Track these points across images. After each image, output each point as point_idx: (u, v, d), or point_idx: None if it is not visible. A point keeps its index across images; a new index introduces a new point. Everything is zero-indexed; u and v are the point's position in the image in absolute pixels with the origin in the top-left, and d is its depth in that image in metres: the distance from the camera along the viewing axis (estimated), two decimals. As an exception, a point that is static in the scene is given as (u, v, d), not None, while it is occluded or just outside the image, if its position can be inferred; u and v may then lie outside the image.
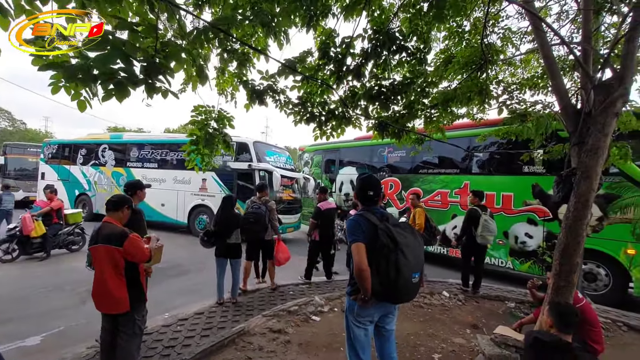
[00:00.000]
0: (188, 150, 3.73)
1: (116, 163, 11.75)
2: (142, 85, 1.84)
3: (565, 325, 2.12)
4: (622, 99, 2.67)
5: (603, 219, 5.39)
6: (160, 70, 1.86)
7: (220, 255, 4.40)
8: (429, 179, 8.03)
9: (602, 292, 5.48)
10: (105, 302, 2.47)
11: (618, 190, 5.30)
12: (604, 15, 3.95)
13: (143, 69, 1.84)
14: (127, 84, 1.75)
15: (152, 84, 1.84)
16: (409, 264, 1.99)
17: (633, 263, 5.15)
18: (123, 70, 1.75)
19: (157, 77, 1.87)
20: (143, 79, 1.82)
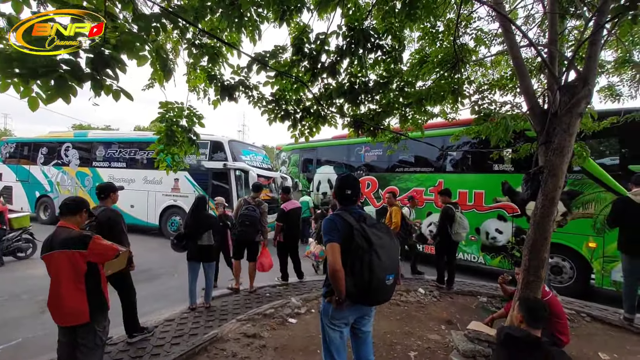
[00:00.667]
0: (157, 149, 3.52)
1: (81, 163, 11.09)
2: (88, 81, 1.67)
3: (534, 320, 2.17)
4: (586, 100, 2.77)
5: (567, 214, 5.64)
6: (108, 62, 1.69)
7: (193, 258, 4.20)
8: (405, 178, 8.18)
9: (567, 285, 5.77)
10: (62, 313, 2.27)
11: (580, 187, 5.58)
12: (568, 19, 4.12)
13: (89, 61, 1.67)
14: (71, 79, 1.58)
15: (99, 80, 1.68)
16: (382, 265, 1.96)
17: (594, 256, 5.44)
18: (66, 63, 1.58)
19: (105, 70, 1.70)
20: (89, 73, 1.66)
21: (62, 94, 1.60)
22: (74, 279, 2.25)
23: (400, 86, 3.85)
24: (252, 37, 3.13)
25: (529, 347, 2.03)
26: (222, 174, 9.14)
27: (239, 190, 8.96)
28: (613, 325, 4.12)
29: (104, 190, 3.44)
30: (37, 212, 11.52)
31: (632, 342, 3.72)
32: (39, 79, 1.57)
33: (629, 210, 3.99)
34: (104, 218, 3.24)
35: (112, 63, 1.72)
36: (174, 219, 9.68)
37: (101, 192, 3.42)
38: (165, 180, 9.57)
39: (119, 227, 3.34)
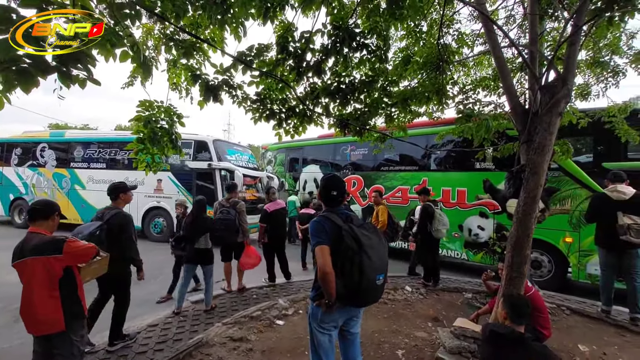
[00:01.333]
0: (135, 149, 3.39)
1: (58, 164, 10.67)
2: (53, 73, 1.59)
3: (518, 317, 2.21)
4: (565, 100, 2.84)
5: (545, 210, 5.80)
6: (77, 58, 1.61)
7: (190, 261, 4.20)
8: (390, 176, 8.26)
9: (546, 278, 5.95)
10: (35, 322, 2.16)
11: (557, 184, 5.76)
12: (547, 20, 4.22)
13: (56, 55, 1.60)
14: (35, 72, 1.50)
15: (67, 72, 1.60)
16: (373, 266, 1.95)
17: (571, 250, 5.64)
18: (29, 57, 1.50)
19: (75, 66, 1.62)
20: (55, 66, 1.58)
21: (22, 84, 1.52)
22: (47, 286, 2.14)
23: (385, 85, 3.85)
24: (237, 34, 3.06)
25: (513, 343, 2.06)
26: (207, 174, 8.98)
27: (225, 190, 8.82)
28: (591, 317, 4.27)
29: (114, 191, 3.36)
30: (12, 215, 11.04)
31: (609, 333, 3.85)
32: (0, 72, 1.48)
33: (604, 207, 4.13)
34: (116, 222, 3.17)
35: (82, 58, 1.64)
36: (157, 221, 9.45)
37: (111, 193, 3.36)
38: (147, 181, 9.29)
39: (129, 234, 3.27)
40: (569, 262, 5.70)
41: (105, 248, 2.83)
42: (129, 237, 3.27)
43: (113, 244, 3.04)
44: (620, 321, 4.06)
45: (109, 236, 3.06)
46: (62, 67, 1.66)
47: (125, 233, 3.22)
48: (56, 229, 2.41)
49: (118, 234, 3.16)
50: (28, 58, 1.52)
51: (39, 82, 1.58)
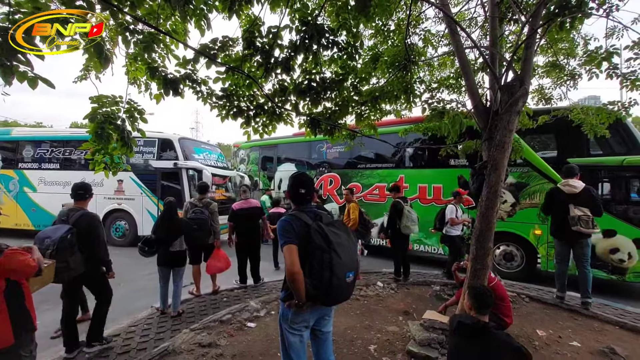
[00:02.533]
0: (92, 149, 3.12)
1: (4, 164, 9.74)
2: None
3: (481, 307, 2.30)
4: (523, 99, 2.99)
5: (516, 204, 6.14)
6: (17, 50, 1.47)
7: (163, 264, 4.13)
8: (367, 174, 8.26)
9: (518, 269, 6.23)
10: None
11: (527, 179, 6.08)
12: (506, 23, 4.43)
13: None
14: None
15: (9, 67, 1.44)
16: (342, 264, 1.93)
17: (540, 242, 5.96)
18: None
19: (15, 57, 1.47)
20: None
21: None
22: None
23: (355, 83, 3.86)
24: (200, 26, 2.92)
25: (478, 332, 2.14)
26: (173, 174, 8.59)
27: (192, 190, 8.48)
28: (548, 304, 4.57)
29: (83, 190, 3.27)
30: None
31: (563, 317, 4.15)
32: None
33: (557, 199, 4.43)
34: (85, 224, 3.10)
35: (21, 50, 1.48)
36: (119, 224, 8.92)
37: (81, 192, 3.26)
38: (107, 182, 8.72)
39: (101, 235, 3.25)
40: (538, 254, 6.00)
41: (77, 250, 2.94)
42: (99, 237, 3.22)
43: (83, 245, 3.04)
44: (573, 306, 4.38)
45: (79, 238, 3.01)
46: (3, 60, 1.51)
47: (94, 233, 3.16)
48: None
49: (87, 235, 3.09)
50: None
51: None
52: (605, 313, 4.18)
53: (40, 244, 2.82)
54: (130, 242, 8.67)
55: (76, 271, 2.96)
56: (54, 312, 4.34)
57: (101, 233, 3.27)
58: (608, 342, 3.42)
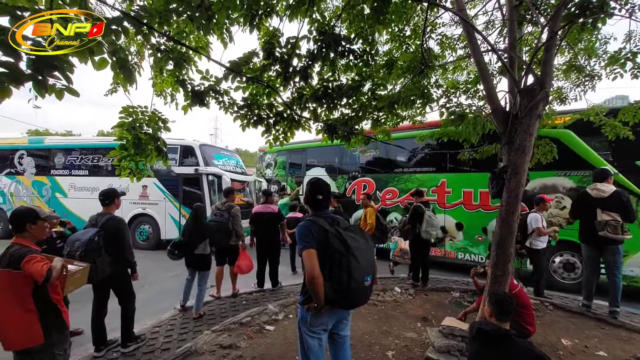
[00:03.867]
0: (119, 156, 3.32)
1: (37, 171, 10.32)
2: (28, 81, 1.56)
3: (502, 314, 2.26)
4: (543, 102, 2.95)
5: None
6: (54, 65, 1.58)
7: (189, 266, 4.38)
8: (405, 178, 7.85)
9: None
10: (8, 338, 2.06)
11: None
12: (525, 26, 4.37)
13: (30, 63, 1.56)
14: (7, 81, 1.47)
15: (42, 81, 1.57)
16: (360, 268, 1.97)
17: None
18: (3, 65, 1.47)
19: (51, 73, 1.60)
20: (30, 74, 1.54)
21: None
22: (19, 300, 2.05)
23: (372, 89, 3.90)
24: (222, 40, 3.05)
25: (499, 340, 2.11)
26: (194, 180, 8.86)
27: (212, 195, 8.72)
28: (573, 312, 4.41)
29: (106, 197, 3.44)
30: None
31: (589, 326, 3.99)
32: None
33: (585, 204, 4.29)
34: (111, 227, 3.28)
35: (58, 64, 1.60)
36: (143, 228, 9.24)
37: (105, 199, 3.44)
38: (132, 187, 9.08)
39: (126, 237, 3.40)
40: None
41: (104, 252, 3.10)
42: (124, 239, 3.36)
43: (110, 248, 3.20)
44: (600, 315, 4.20)
45: (106, 240, 3.17)
46: (37, 75, 1.61)
47: (120, 236, 3.32)
48: (42, 236, 2.34)
49: (113, 238, 3.26)
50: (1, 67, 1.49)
51: (11, 92, 1.54)
52: (633, 322, 4.00)
53: (71, 247, 3.00)
54: (153, 245, 8.97)
55: (103, 272, 3.13)
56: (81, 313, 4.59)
57: (127, 236, 3.43)
58: (635, 352, 3.29)
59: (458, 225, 6.99)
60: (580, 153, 5.61)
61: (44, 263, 2.08)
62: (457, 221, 7.01)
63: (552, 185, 5.88)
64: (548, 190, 5.86)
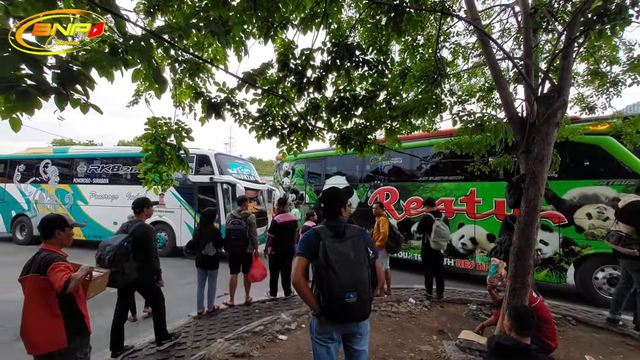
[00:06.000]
0: (144, 168, 3.45)
1: (61, 179, 10.74)
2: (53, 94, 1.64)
3: (523, 328, 2.19)
4: (562, 110, 2.89)
5: None
6: (77, 79, 1.66)
7: (199, 265, 4.62)
8: (430, 187, 7.56)
9: None
10: (33, 341, 2.13)
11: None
12: (541, 33, 4.32)
13: (56, 76, 1.64)
14: (36, 93, 1.55)
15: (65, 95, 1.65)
16: (340, 283, 1.94)
17: None
18: (30, 78, 1.55)
19: (74, 87, 1.68)
20: (55, 87, 1.63)
21: (24, 107, 1.57)
22: (45, 304, 2.13)
23: (387, 99, 3.92)
24: (238, 52, 3.15)
25: (518, 355, 2.05)
26: (209, 188, 9.02)
27: (227, 203, 8.84)
28: (597, 327, 4.21)
29: (138, 206, 3.65)
30: (13, 232, 11.03)
31: (614, 342, 3.80)
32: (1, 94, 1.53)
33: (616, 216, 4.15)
34: (140, 234, 3.44)
35: (81, 79, 1.69)
36: (160, 235, 9.42)
37: (136, 207, 3.64)
38: (149, 195, 9.31)
39: (153, 244, 3.55)
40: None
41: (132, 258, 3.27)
42: (151, 246, 3.52)
43: (138, 254, 3.36)
44: (626, 330, 4.00)
45: (134, 246, 3.33)
46: (61, 88, 1.69)
47: (148, 242, 3.47)
48: (68, 243, 2.41)
49: (141, 244, 3.41)
50: (28, 79, 1.56)
51: (41, 104, 1.63)
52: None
53: (102, 251, 3.17)
54: (169, 252, 9.12)
55: (130, 277, 3.27)
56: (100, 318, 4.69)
57: (154, 243, 3.57)
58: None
59: (489, 237, 6.66)
60: (622, 160, 5.28)
61: (65, 273, 2.14)
62: (488, 232, 6.68)
63: (592, 195, 5.50)
64: (589, 200, 5.52)
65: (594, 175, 5.53)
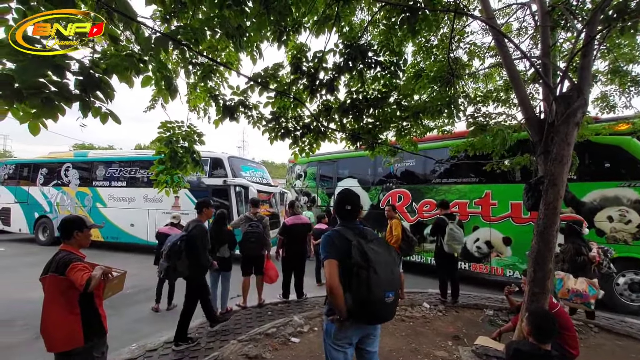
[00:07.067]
0: (156, 171, 3.52)
1: (81, 182, 11.09)
2: (77, 101, 1.67)
3: (543, 336, 2.11)
4: (582, 110, 2.80)
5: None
6: (99, 84, 1.70)
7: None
8: (444, 190, 7.43)
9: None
10: (52, 339, 2.19)
11: None
12: (559, 31, 4.21)
13: (78, 83, 1.67)
14: (59, 99, 1.58)
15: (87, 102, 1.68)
16: (380, 282, 1.91)
17: None
18: (53, 84, 1.58)
19: (95, 92, 1.71)
20: (78, 94, 1.66)
21: (48, 114, 1.60)
22: (64, 303, 2.18)
23: (398, 100, 3.89)
24: (252, 56, 3.19)
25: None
26: (222, 191, 9.14)
27: (240, 206, 8.93)
28: (620, 334, 4.05)
29: (198, 206, 3.90)
30: (36, 233, 11.44)
31: (638, 350, 3.64)
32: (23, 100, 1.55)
33: None
34: (195, 233, 3.67)
35: (102, 86, 1.73)
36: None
37: (197, 208, 3.91)
38: (165, 198, 9.50)
39: (202, 244, 3.70)
40: None
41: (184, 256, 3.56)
42: (200, 246, 3.69)
43: (190, 252, 3.62)
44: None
45: (188, 245, 3.60)
46: (84, 95, 1.72)
47: (198, 241, 3.65)
48: (86, 244, 2.46)
49: (194, 243, 3.64)
50: (52, 86, 1.59)
51: (64, 110, 1.66)
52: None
53: (165, 246, 3.63)
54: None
55: (182, 274, 3.63)
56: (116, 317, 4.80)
57: (205, 242, 3.74)
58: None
59: (505, 240, 6.50)
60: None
61: (85, 272, 2.19)
62: (504, 236, 6.51)
63: (614, 197, 5.33)
64: (610, 203, 5.35)
65: (615, 177, 5.35)
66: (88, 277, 2.15)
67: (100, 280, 2.26)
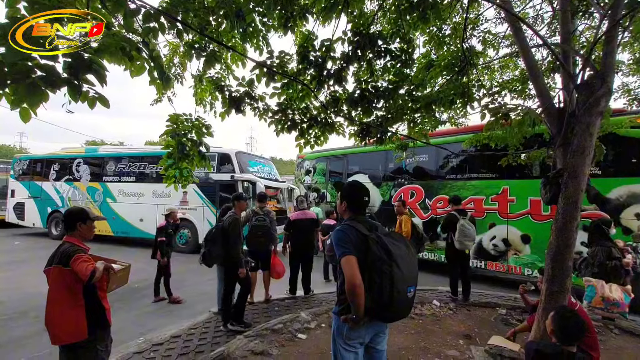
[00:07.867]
0: (165, 165, 3.47)
1: (92, 178, 11.23)
2: (63, 86, 1.58)
3: (569, 338, 1.96)
4: (605, 98, 2.65)
5: None
6: (89, 67, 1.60)
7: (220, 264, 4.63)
8: (459, 185, 7.21)
9: None
10: (56, 332, 2.15)
11: None
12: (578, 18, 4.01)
13: (67, 65, 1.58)
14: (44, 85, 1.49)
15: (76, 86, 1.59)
16: (403, 277, 1.80)
17: None
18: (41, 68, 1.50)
19: (85, 75, 1.62)
20: (65, 78, 1.57)
21: (29, 101, 1.52)
22: (68, 295, 2.14)
23: (410, 90, 3.75)
24: (258, 46, 3.10)
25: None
26: (230, 186, 9.11)
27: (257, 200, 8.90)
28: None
29: (233, 199, 4.15)
30: (49, 227, 11.65)
31: (665, 355, 3.46)
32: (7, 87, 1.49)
33: None
34: (227, 223, 3.92)
35: (93, 67, 1.64)
36: (183, 232, 9.63)
37: (231, 200, 4.16)
38: (174, 193, 9.56)
39: (234, 235, 3.88)
40: None
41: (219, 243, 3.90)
42: (231, 236, 3.87)
43: (224, 241, 3.89)
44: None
45: (222, 234, 3.89)
46: (72, 78, 1.64)
47: (229, 232, 3.86)
48: (90, 236, 2.42)
49: (226, 233, 3.86)
50: (39, 69, 1.52)
51: (47, 96, 1.58)
52: None
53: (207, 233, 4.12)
54: (192, 248, 9.32)
55: (216, 260, 4.00)
56: (123, 311, 4.83)
57: (237, 232, 3.90)
58: None
59: (524, 238, 6.29)
60: None
61: (89, 263, 2.15)
62: (522, 233, 6.30)
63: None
64: (638, 199, 5.11)
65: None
66: (92, 268, 2.12)
67: (103, 274, 2.22)
